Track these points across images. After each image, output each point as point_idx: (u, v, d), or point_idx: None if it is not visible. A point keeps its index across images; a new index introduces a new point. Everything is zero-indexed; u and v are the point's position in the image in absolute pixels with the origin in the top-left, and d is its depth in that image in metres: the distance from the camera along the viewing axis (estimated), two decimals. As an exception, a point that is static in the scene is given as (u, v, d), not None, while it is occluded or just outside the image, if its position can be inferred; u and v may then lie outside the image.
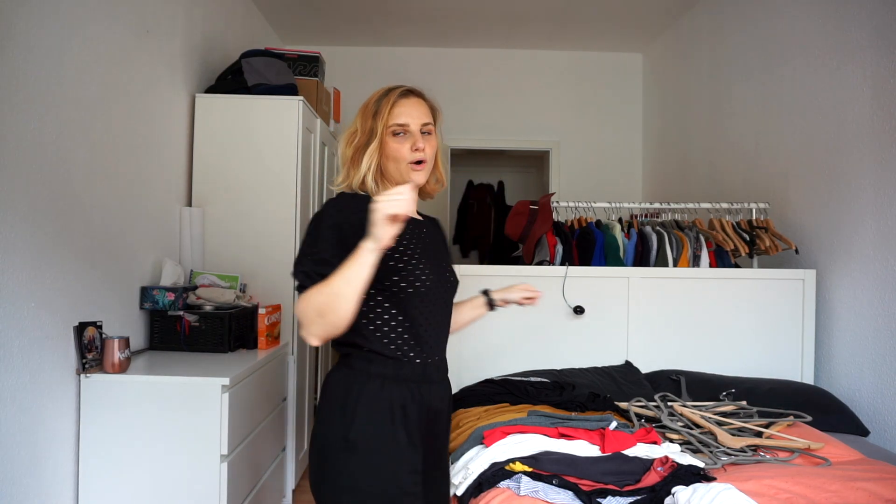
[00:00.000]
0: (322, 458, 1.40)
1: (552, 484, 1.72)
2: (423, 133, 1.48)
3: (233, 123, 3.06)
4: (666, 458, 1.81)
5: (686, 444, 2.06)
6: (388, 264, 1.39)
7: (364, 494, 1.37)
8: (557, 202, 3.09)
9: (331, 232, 1.36)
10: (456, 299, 1.59)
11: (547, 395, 2.38)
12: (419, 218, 1.57)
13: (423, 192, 1.58)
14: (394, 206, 1.20)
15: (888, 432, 2.49)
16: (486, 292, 1.76)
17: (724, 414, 2.34)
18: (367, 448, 1.37)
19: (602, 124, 5.23)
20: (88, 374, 2.10)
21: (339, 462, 1.38)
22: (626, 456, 1.85)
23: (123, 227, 2.43)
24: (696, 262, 2.97)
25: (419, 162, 1.47)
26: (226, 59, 3.44)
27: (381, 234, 1.22)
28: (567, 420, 2.10)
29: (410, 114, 1.47)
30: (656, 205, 3.26)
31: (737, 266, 3.02)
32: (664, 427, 2.19)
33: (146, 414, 2.09)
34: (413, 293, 1.42)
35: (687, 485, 1.66)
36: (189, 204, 3.05)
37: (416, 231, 1.50)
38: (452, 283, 1.56)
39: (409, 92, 1.51)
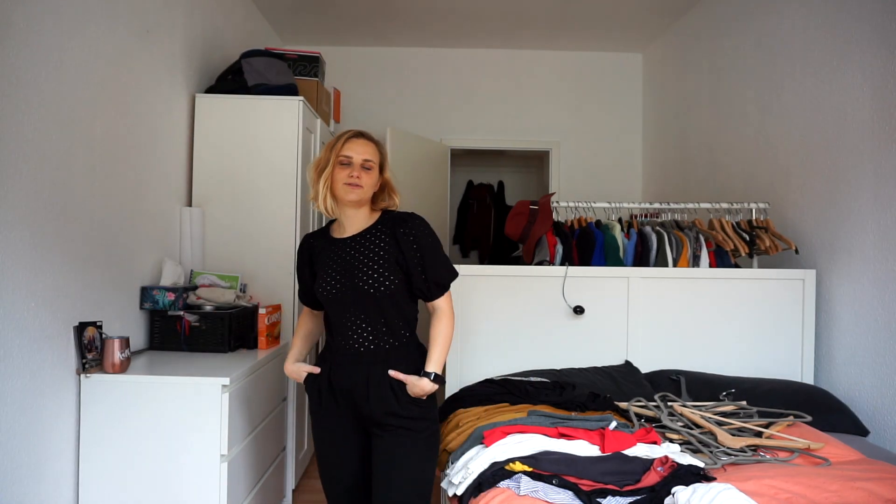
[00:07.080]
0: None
1: (552, 484, 1.72)
2: (364, 168, 1.86)
3: (233, 123, 3.06)
4: (666, 458, 1.81)
5: (686, 444, 2.06)
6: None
7: None
8: (557, 202, 3.09)
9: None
10: (456, 298, 1.91)
11: (547, 395, 2.38)
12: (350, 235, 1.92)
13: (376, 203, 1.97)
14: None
15: (888, 432, 2.49)
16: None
17: (724, 414, 2.34)
18: None
19: (602, 124, 5.23)
20: (88, 374, 2.10)
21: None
22: (626, 456, 1.85)
23: (123, 227, 2.43)
24: (695, 262, 2.96)
25: (353, 185, 1.85)
26: (226, 59, 3.44)
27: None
28: (567, 420, 2.10)
29: (356, 150, 1.87)
30: (656, 205, 3.26)
31: (737, 266, 3.01)
32: (664, 427, 2.19)
33: (146, 414, 2.10)
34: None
35: (687, 485, 1.66)
36: (189, 204, 3.05)
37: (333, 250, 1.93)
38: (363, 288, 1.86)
39: (360, 134, 1.90)
